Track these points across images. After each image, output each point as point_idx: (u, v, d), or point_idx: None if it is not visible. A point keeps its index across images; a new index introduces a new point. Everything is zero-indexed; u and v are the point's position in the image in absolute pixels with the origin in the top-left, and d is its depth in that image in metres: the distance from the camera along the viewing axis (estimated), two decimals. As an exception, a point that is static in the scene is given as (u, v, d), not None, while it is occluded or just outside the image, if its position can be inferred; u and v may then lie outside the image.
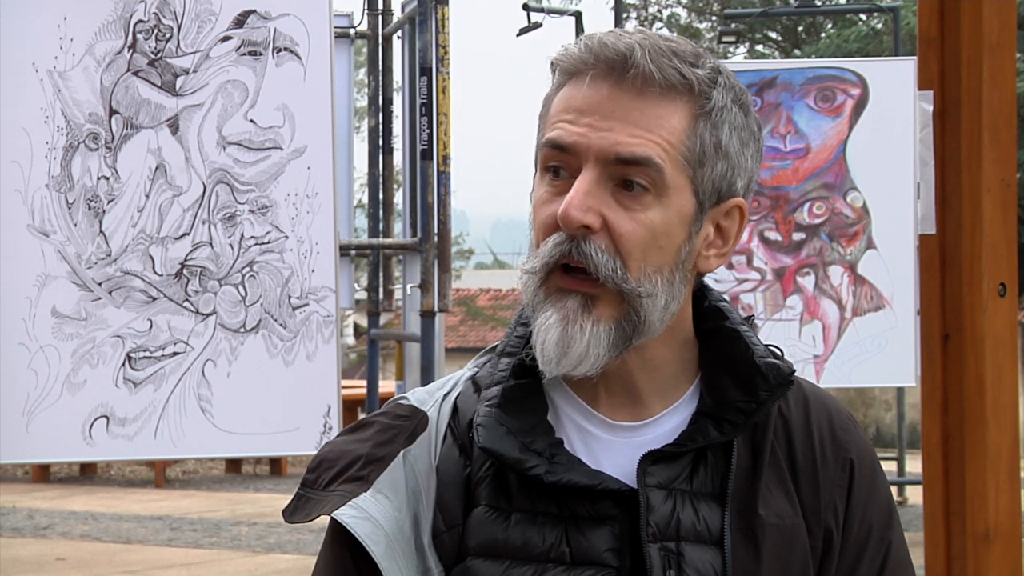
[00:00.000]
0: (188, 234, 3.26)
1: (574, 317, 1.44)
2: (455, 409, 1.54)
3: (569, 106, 1.46)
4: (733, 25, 14.55)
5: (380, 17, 7.02)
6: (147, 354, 3.25)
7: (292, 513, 1.52)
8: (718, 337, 1.54)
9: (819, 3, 18.99)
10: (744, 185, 1.50)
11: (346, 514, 1.46)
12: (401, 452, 1.51)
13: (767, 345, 1.54)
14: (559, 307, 1.45)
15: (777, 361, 1.51)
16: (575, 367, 1.45)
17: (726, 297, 1.57)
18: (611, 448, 1.50)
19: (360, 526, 1.45)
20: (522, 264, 1.50)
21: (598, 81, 1.45)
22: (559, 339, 1.44)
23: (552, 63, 1.49)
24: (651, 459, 1.47)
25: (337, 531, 1.49)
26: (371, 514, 1.46)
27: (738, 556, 1.45)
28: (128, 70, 3.25)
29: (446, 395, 1.57)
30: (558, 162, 1.46)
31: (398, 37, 6.99)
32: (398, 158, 7.56)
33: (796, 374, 1.52)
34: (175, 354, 3.26)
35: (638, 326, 1.45)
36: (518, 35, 16.29)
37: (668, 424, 1.51)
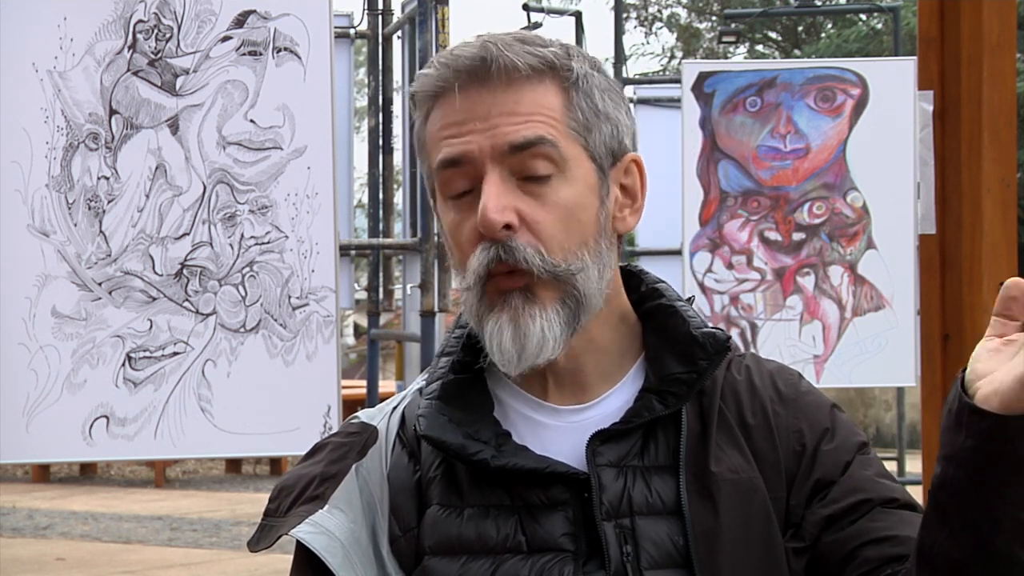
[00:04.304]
0: (188, 234, 3.26)
1: (521, 311, 1.46)
2: (403, 418, 1.56)
3: (447, 123, 1.48)
4: (733, 25, 14.53)
5: (380, 17, 7.02)
6: (147, 354, 3.25)
7: (256, 542, 1.54)
8: (657, 315, 1.57)
9: (819, 3, 18.99)
10: (630, 141, 1.54)
11: (302, 531, 1.48)
12: (353, 467, 1.53)
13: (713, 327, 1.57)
14: (504, 308, 1.47)
15: (713, 330, 1.54)
16: (537, 356, 1.46)
17: (664, 279, 1.60)
18: (559, 433, 1.51)
19: (316, 540, 1.46)
20: (456, 286, 1.52)
21: (466, 90, 1.47)
22: (513, 335, 1.46)
23: (414, 96, 1.51)
24: (600, 439, 1.49)
25: (300, 551, 1.51)
26: (327, 528, 1.48)
27: (696, 516, 1.46)
28: (128, 70, 3.25)
29: (394, 408, 1.59)
30: (457, 179, 1.48)
31: (398, 37, 6.99)
32: (398, 158, 7.57)
33: (732, 341, 1.55)
34: (175, 354, 3.26)
35: (580, 301, 1.48)
36: (518, 35, 16.23)
37: (614, 404, 1.53)
